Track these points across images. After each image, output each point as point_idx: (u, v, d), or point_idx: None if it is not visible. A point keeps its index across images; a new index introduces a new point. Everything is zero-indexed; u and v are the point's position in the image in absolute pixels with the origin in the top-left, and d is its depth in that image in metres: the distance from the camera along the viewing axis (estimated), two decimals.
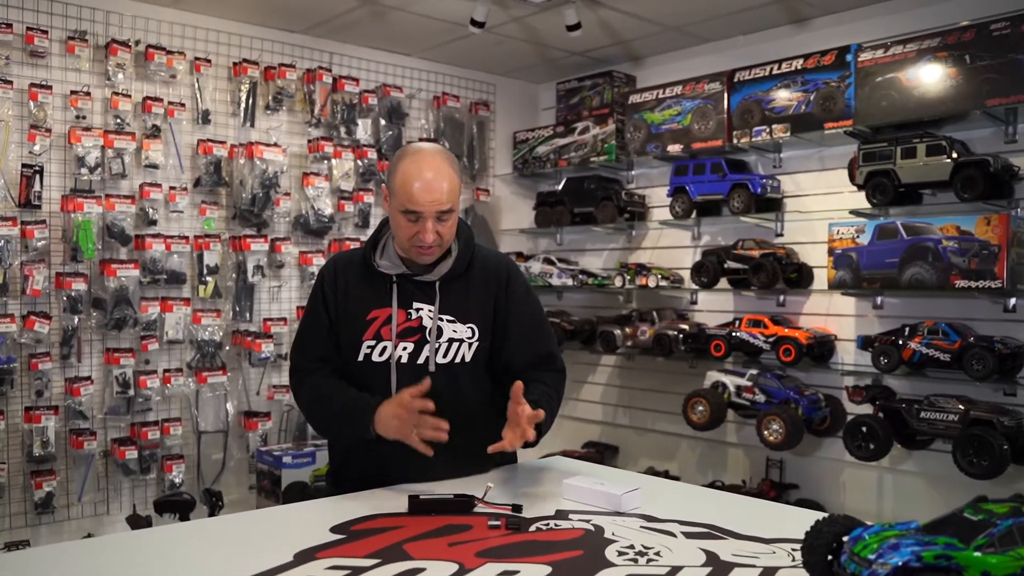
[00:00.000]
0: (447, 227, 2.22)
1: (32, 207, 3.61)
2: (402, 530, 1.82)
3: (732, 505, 2.08)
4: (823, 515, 1.86)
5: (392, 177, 2.21)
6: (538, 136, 5.20)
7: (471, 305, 2.33)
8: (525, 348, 2.38)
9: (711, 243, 4.52)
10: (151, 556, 1.66)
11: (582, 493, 2.05)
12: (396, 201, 2.19)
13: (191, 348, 4.09)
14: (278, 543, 1.73)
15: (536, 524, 1.87)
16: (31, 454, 3.61)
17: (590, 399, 5.22)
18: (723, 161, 4.21)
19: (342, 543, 1.73)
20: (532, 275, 5.11)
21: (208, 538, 1.80)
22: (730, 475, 4.43)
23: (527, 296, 2.44)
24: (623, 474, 2.45)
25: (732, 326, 4.13)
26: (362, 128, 4.63)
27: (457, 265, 2.32)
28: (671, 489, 2.25)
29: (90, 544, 1.99)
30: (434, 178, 2.16)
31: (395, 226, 2.25)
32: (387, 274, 2.30)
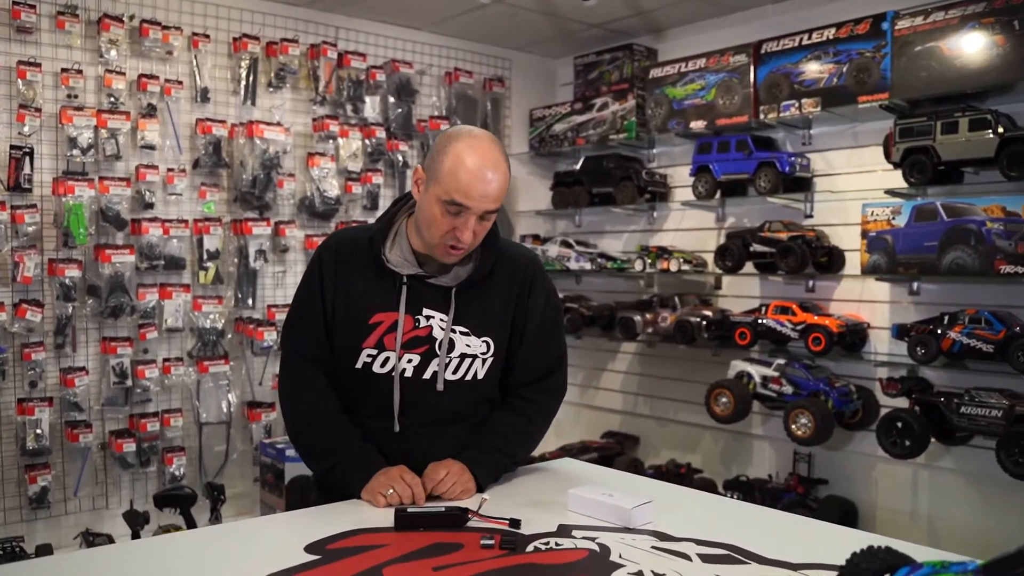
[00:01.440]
0: (485, 228, 1.95)
1: (22, 190, 3.46)
2: (384, 550, 1.64)
3: (756, 521, 1.87)
4: (858, 537, 1.68)
5: (439, 159, 1.89)
6: (555, 113, 4.97)
7: (489, 316, 2.07)
8: (532, 360, 2.15)
9: (736, 225, 4.28)
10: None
11: (588, 505, 1.85)
12: (439, 188, 1.87)
13: (192, 336, 3.94)
14: (244, 565, 1.56)
15: (535, 543, 1.67)
16: (24, 447, 3.48)
17: (610, 387, 5.02)
18: (749, 138, 3.96)
19: (314, 566, 1.55)
20: (549, 259, 4.90)
21: (167, 557, 1.62)
22: (755, 469, 4.22)
23: (548, 302, 2.16)
24: (634, 481, 2.24)
25: (758, 313, 3.90)
26: (370, 106, 4.44)
27: (478, 270, 2.04)
28: (687, 500, 2.04)
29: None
30: (489, 169, 1.87)
31: (427, 216, 1.92)
32: (396, 272, 2.02)
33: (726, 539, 1.69)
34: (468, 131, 1.95)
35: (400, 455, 2.04)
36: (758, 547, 1.64)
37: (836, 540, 1.73)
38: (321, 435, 2.07)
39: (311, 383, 2.10)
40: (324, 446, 2.07)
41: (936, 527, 3.61)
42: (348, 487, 1.99)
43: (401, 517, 1.77)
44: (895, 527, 3.70)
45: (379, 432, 2.06)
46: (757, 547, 1.64)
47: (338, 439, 2.05)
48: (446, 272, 2.03)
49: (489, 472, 2.04)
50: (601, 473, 2.31)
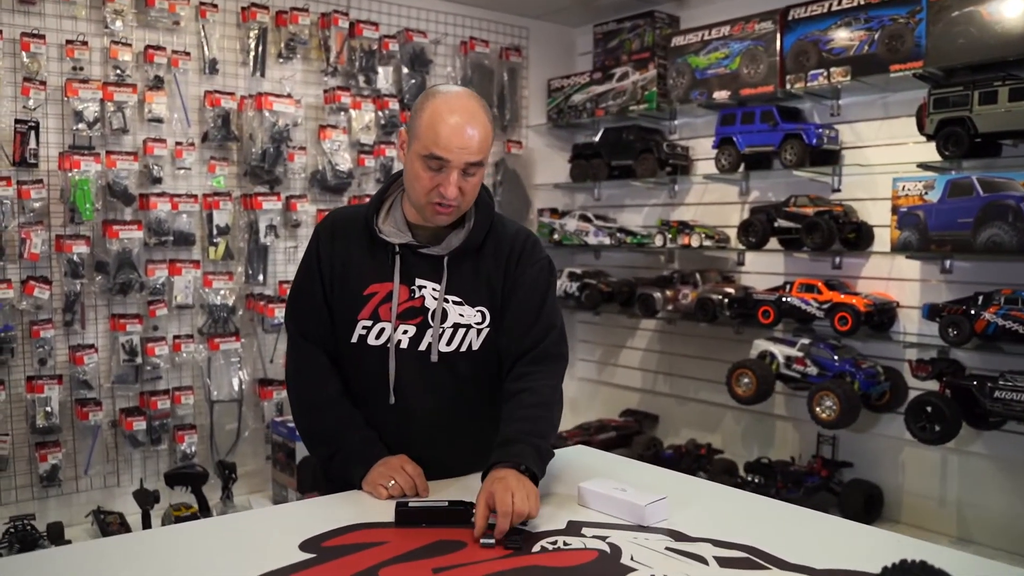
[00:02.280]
0: (472, 184, 1.89)
1: (28, 166, 3.38)
2: (382, 548, 1.56)
3: (778, 519, 1.77)
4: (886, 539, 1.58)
5: (416, 117, 1.87)
6: (574, 84, 4.83)
7: (481, 285, 2.00)
8: (525, 332, 2.00)
9: (760, 199, 4.14)
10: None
11: (600, 500, 1.76)
12: (419, 144, 1.85)
13: (202, 313, 3.87)
14: (232, 564, 1.48)
15: (542, 542, 1.59)
16: (35, 425, 3.44)
17: (628, 365, 4.92)
18: (775, 109, 3.81)
19: (308, 566, 1.47)
20: (567, 233, 4.79)
21: (156, 553, 1.55)
22: (777, 451, 4.11)
23: (539, 275, 2.04)
24: (650, 472, 2.14)
25: (782, 290, 3.77)
26: (383, 76, 4.31)
27: (471, 238, 1.98)
28: (705, 495, 1.93)
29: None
30: (467, 123, 1.83)
31: (411, 176, 1.90)
32: (390, 243, 1.98)
33: (745, 539, 1.59)
34: (446, 88, 1.92)
35: (396, 429, 2.00)
36: (779, 549, 1.54)
37: (863, 542, 1.63)
38: (322, 420, 2.02)
39: (313, 364, 2.06)
40: (325, 432, 2.02)
41: (965, 515, 3.49)
42: (348, 477, 1.93)
43: (402, 512, 1.69)
44: (922, 513, 3.59)
45: (375, 406, 2.00)
46: (778, 549, 1.54)
47: (339, 426, 2.00)
48: (438, 242, 1.99)
49: (539, 462, 1.82)
50: (615, 463, 2.20)
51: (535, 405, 1.92)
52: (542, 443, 1.86)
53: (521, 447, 1.80)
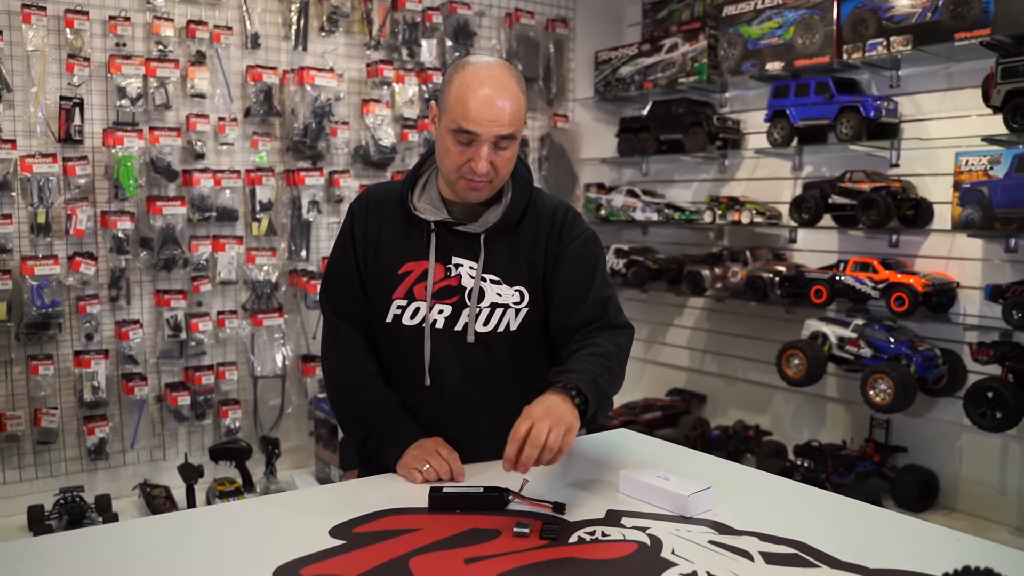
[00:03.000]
0: (504, 159, 1.82)
1: (73, 142, 3.40)
2: (414, 535, 1.51)
3: (829, 512, 1.68)
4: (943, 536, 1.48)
5: (446, 90, 1.81)
6: (621, 56, 4.71)
7: (520, 263, 1.94)
8: (577, 306, 1.93)
9: (814, 174, 4.00)
10: (96, 555, 1.41)
11: (641, 489, 1.69)
12: (447, 119, 1.80)
13: (245, 289, 3.88)
14: (259, 549, 1.45)
15: (578, 532, 1.53)
16: (82, 399, 3.49)
17: (676, 343, 4.82)
18: (830, 80, 3.66)
19: (337, 553, 1.44)
20: (614, 209, 4.70)
21: (182, 538, 1.52)
22: (828, 433, 3.99)
23: (584, 248, 1.96)
24: (695, 459, 2.07)
25: (836, 269, 3.64)
26: (426, 49, 4.25)
27: (509, 214, 1.92)
28: (752, 484, 1.85)
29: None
30: (497, 94, 1.76)
31: (442, 151, 1.84)
32: (424, 220, 1.93)
33: (794, 534, 1.51)
34: (476, 58, 1.85)
35: (431, 411, 1.96)
36: (830, 545, 1.46)
37: (920, 539, 1.54)
38: (357, 401, 1.99)
39: (348, 343, 2.02)
40: (359, 413, 1.99)
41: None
42: (382, 460, 1.89)
43: (435, 498, 1.65)
44: (980, 502, 3.45)
45: (410, 388, 1.97)
46: (829, 545, 1.46)
47: (374, 407, 1.96)
48: (475, 219, 1.93)
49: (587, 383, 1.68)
50: (660, 448, 2.13)
51: (597, 355, 1.79)
52: (601, 381, 1.73)
53: (578, 376, 1.70)
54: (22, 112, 3.33)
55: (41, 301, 3.31)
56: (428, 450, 1.84)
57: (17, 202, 3.34)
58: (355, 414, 1.99)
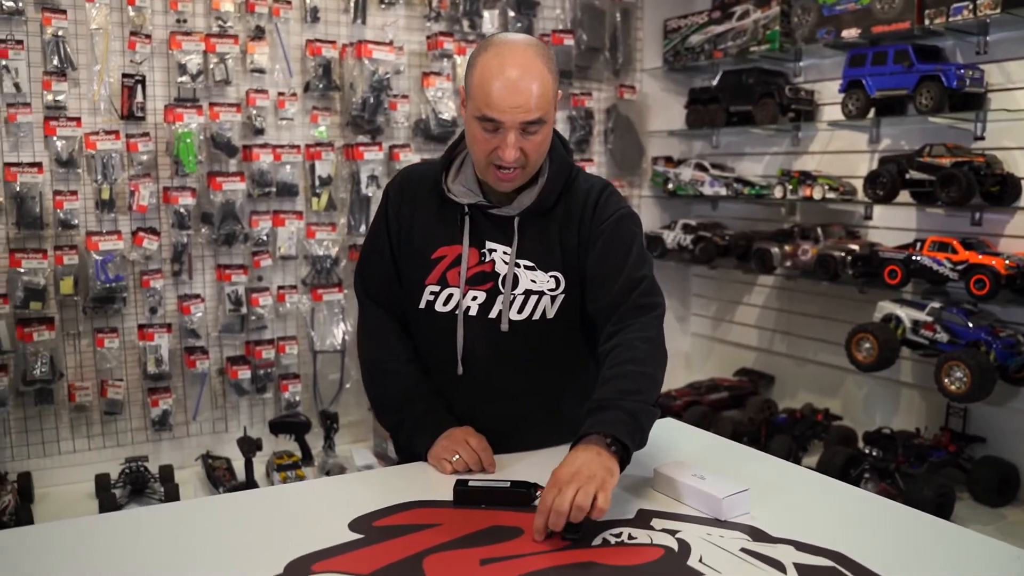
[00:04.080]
0: (535, 144, 1.74)
1: (135, 119, 3.45)
2: (434, 531, 1.47)
3: (875, 520, 1.57)
4: (1004, 553, 1.37)
5: (470, 74, 1.74)
6: (691, 24, 4.53)
7: (555, 249, 1.86)
8: (610, 286, 1.79)
9: (892, 148, 3.78)
10: (113, 543, 1.41)
11: (676, 488, 1.62)
12: (472, 105, 1.72)
13: (305, 264, 3.90)
14: (277, 540, 1.43)
15: (604, 533, 1.46)
16: (146, 371, 3.57)
17: (744, 322, 4.67)
18: (910, 48, 3.43)
19: (352, 548, 1.41)
20: (682, 182, 4.56)
21: (194, 528, 1.51)
22: (901, 420, 3.81)
23: (617, 225, 1.84)
24: (739, 455, 1.96)
25: (912, 248, 3.44)
26: (488, 20, 4.16)
27: (544, 197, 1.84)
28: (795, 485, 1.74)
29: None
30: (520, 77, 1.67)
31: (470, 138, 1.78)
32: (459, 203, 1.86)
33: (835, 543, 1.41)
34: (500, 38, 1.75)
35: (464, 401, 1.91)
36: (873, 559, 1.36)
37: (976, 556, 1.41)
38: (390, 387, 1.95)
39: (383, 328, 1.99)
40: (392, 399, 1.95)
41: None
42: (413, 448, 1.85)
43: (460, 491, 1.60)
44: None
45: (442, 376, 1.92)
46: (872, 558, 1.36)
47: (407, 393, 1.92)
48: (509, 201, 1.86)
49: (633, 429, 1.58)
50: (705, 441, 2.04)
51: (628, 361, 1.70)
52: (637, 403, 1.62)
53: (612, 413, 1.58)
54: (86, 90, 3.39)
55: (105, 276, 3.39)
56: (458, 440, 1.79)
57: (83, 178, 3.41)
58: (389, 401, 1.96)
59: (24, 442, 3.45)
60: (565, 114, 4.49)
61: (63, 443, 3.52)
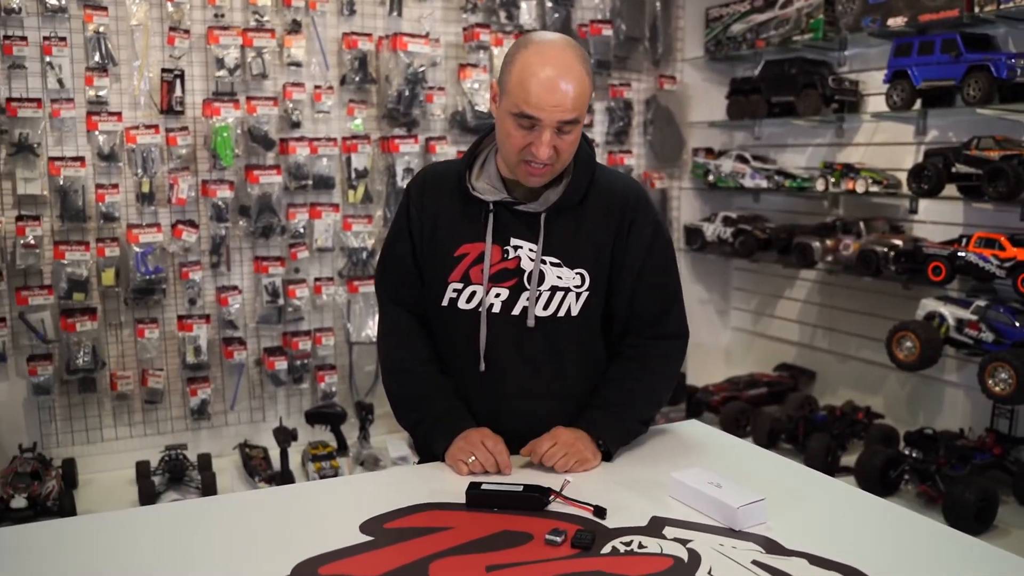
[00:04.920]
0: (568, 143, 1.76)
1: (175, 113, 3.50)
2: (443, 535, 1.47)
3: (898, 533, 1.52)
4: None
5: (507, 71, 1.75)
6: (733, 12, 4.44)
7: (583, 245, 1.87)
8: (641, 301, 1.92)
9: (939, 140, 3.67)
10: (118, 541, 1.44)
11: (691, 495, 1.59)
12: (509, 101, 1.73)
13: (342, 256, 3.92)
14: (287, 541, 1.44)
15: (614, 541, 1.45)
16: (185, 362, 3.63)
17: (786, 316, 4.59)
18: (958, 37, 3.32)
19: (361, 551, 1.41)
20: (722, 174, 4.48)
21: (205, 527, 1.53)
22: (945, 420, 3.71)
23: (655, 238, 1.92)
24: (765, 460, 1.92)
25: (958, 244, 3.34)
26: (525, 11, 4.13)
27: (570, 193, 1.86)
28: (816, 494, 1.68)
29: None
30: (561, 77, 1.69)
31: (502, 134, 1.79)
32: (483, 200, 1.86)
33: (850, 558, 1.37)
34: (539, 37, 1.77)
35: (486, 400, 1.91)
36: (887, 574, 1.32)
37: (996, 571, 1.37)
38: (409, 386, 1.96)
39: (403, 328, 1.99)
40: (410, 399, 1.96)
41: None
42: (431, 448, 1.86)
43: (473, 495, 1.60)
44: None
45: (465, 374, 1.92)
46: (886, 575, 1.32)
47: (426, 393, 1.93)
48: (535, 198, 1.86)
49: (616, 433, 1.87)
50: (729, 446, 2.00)
51: (639, 381, 1.92)
52: (633, 419, 1.90)
53: (606, 417, 1.87)
54: (127, 85, 3.44)
55: (145, 268, 3.45)
56: (474, 442, 1.79)
57: (124, 172, 3.47)
58: (407, 400, 1.96)
59: (68, 429, 3.54)
60: (603, 105, 4.45)
61: (106, 430, 3.60)
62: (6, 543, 1.44)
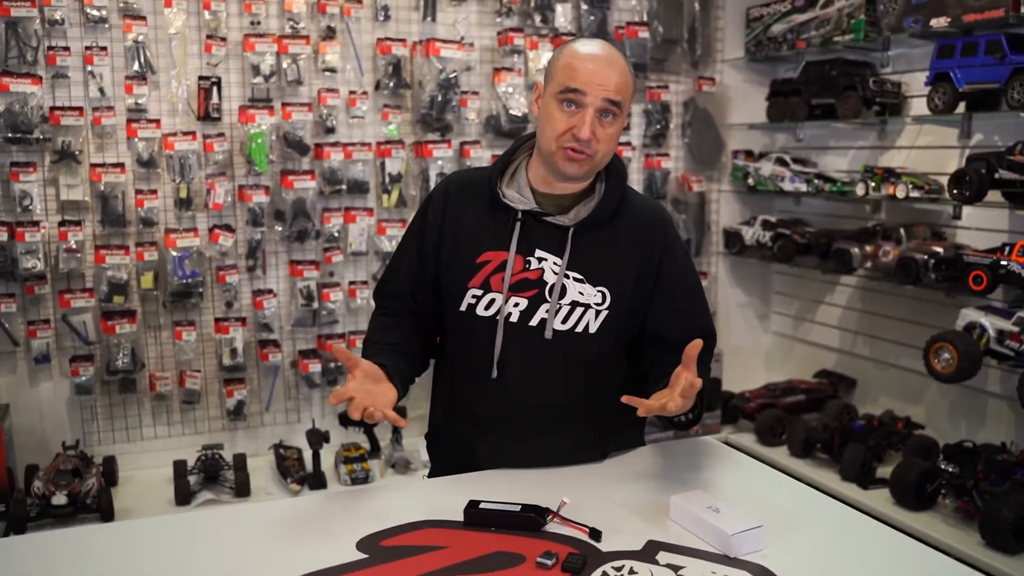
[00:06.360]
0: (608, 135, 1.80)
1: (211, 120, 3.57)
2: (438, 554, 1.48)
3: (898, 563, 1.48)
4: None
5: (552, 65, 1.85)
6: (774, 12, 4.36)
7: (608, 264, 1.89)
8: (684, 322, 1.93)
9: (985, 144, 3.56)
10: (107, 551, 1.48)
11: (689, 519, 1.57)
12: (554, 85, 1.81)
13: (376, 260, 3.96)
14: (281, 557, 1.46)
15: (604, 566, 1.44)
16: (221, 363, 3.70)
17: (826, 322, 4.50)
18: (1003, 38, 3.21)
19: (355, 568, 1.43)
20: (762, 177, 4.41)
21: (198, 540, 1.56)
22: (988, 432, 3.60)
23: (687, 260, 2.00)
24: (773, 482, 1.89)
25: (1000, 253, 3.23)
26: (560, 13, 4.11)
27: (601, 209, 1.88)
28: (818, 524, 1.64)
29: None
30: (606, 61, 1.79)
31: (544, 121, 1.83)
32: (512, 208, 1.89)
33: None
34: (585, 38, 1.88)
35: (495, 406, 1.93)
36: None
37: None
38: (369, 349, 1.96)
39: (384, 315, 2.05)
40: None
41: None
42: None
43: (471, 513, 1.60)
44: None
45: (476, 380, 1.94)
46: None
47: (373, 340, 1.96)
48: (565, 211, 1.88)
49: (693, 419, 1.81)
50: (738, 464, 1.97)
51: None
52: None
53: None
54: (165, 92, 3.52)
55: (182, 272, 3.53)
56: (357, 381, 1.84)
57: (163, 178, 3.55)
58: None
59: (110, 428, 3.64)
60: (640, 107, 4.41)
61: (145, 429, 3.69)
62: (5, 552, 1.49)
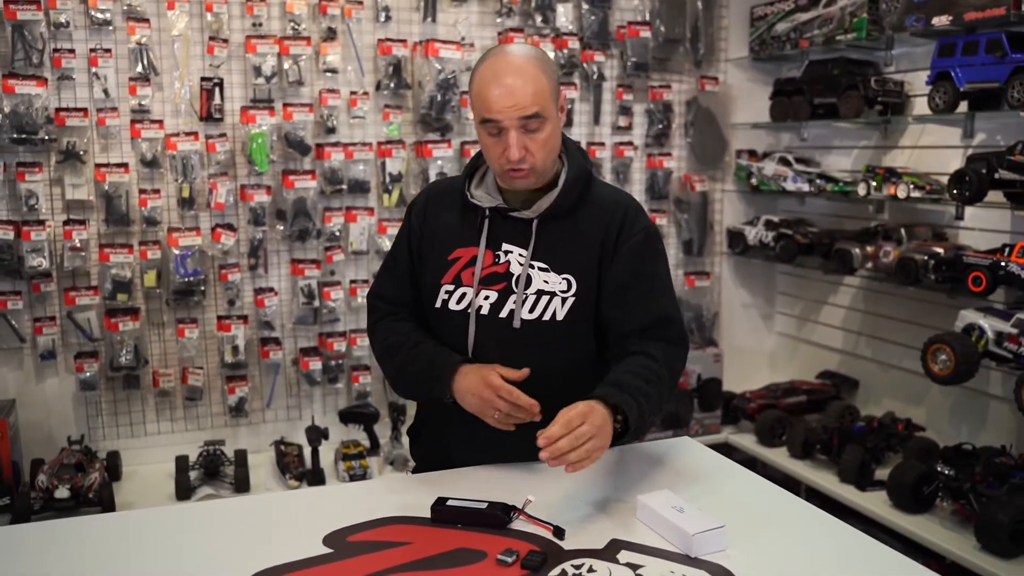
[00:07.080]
0: (539, 142, 1.82)
1: (214, 120, 3.61)
2: (402, 549, 1.51)
3: (860, 565, 1.49)
4: None
5: (470, 88, 1.88)
6: (778, 11, 4.35)
7: (572, 252, 1.93)
8: (632, 308, 1.92)
9: (987, 143, 3.53)
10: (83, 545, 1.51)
11: (654, 518, 1.59)
12: (475, 115, 1.86)
13: (377, 259, 3.98)
14: (247, 551, 1.49)
15: (564, 564, 1.46)
16: (223, 360, 3.75)
17: (829, 323, 4.48)
18: (1004, 36, 3.18)
19: (320, 563, 1.46)
20: (765, 177, 4.40)
21: (167, 534, 1.59)
22: (989, 435, 3.57)
23: (644, 247, 1.95)
24: (744, 483, 1.88)
25: (1000, 254, 3.21)
26: (562, 14, 4.12)
27: (562, 200, 1.92)
28: (784, 525, 1.63)
29: None
30: (512, 78, 1.79)
31: (483, 147, 1.90)
32: (480, 207, 1.95)
33: None
34: (495, 49, 1.89)
35: None
36: None
37: None
38: (399, 350, 2.00)
39: (384, 316, 2.11)
40: (402, 357, 1.99)
41: None
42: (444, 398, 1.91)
43: (438, 510, 1.63)
44: None
45: None
46: None
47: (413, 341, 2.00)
48: (528, 205, 1.94)
49: (638, 421, 1.72)
50: (712, 465, 1.97)
51: (648, 370, 1.81)
52: (645, 406, 1.74)
53: (625, 396, 1.71)
54: (168, 93, 3.57)
55: (184, 270, 3.58)
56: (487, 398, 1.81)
57: (166, 178, 3.60)
58: (405, 366, 1.99)
59: (114, 423, 3.70)
60: (643, 107, 4.40)
61: (148, 425, 3.75)
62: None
